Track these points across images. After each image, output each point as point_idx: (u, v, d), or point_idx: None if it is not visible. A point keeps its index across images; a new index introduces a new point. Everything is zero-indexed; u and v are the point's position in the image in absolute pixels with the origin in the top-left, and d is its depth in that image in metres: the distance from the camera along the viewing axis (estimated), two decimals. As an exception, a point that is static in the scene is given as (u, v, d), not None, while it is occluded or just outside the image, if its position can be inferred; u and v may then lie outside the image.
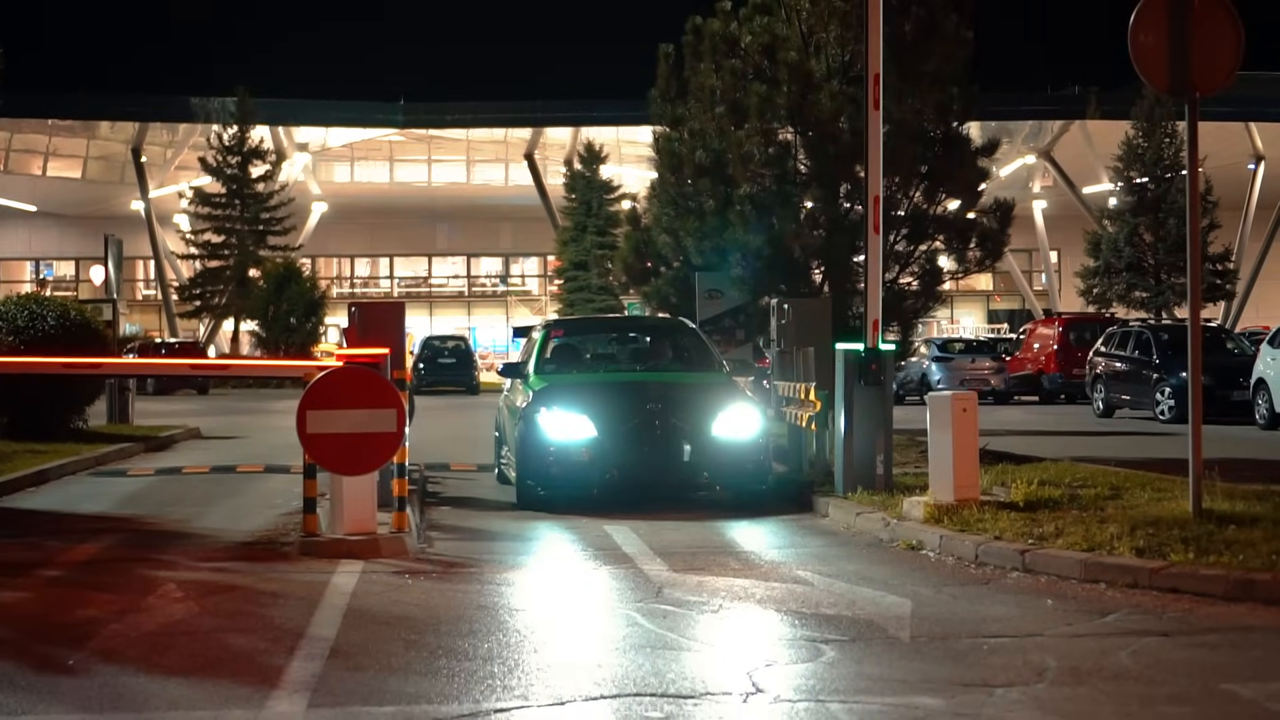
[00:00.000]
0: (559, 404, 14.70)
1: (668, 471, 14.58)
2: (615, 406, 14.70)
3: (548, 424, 14.56)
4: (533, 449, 14.62)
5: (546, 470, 14.54)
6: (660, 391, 15.14)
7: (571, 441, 14.48)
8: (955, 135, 19.15)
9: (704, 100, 19.79)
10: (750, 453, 14.69)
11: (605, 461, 14.45)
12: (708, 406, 14.76)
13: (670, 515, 13.73)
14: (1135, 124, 56.81)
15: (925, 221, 19.38)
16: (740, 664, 7.58)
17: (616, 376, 16.17)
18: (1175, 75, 11.18)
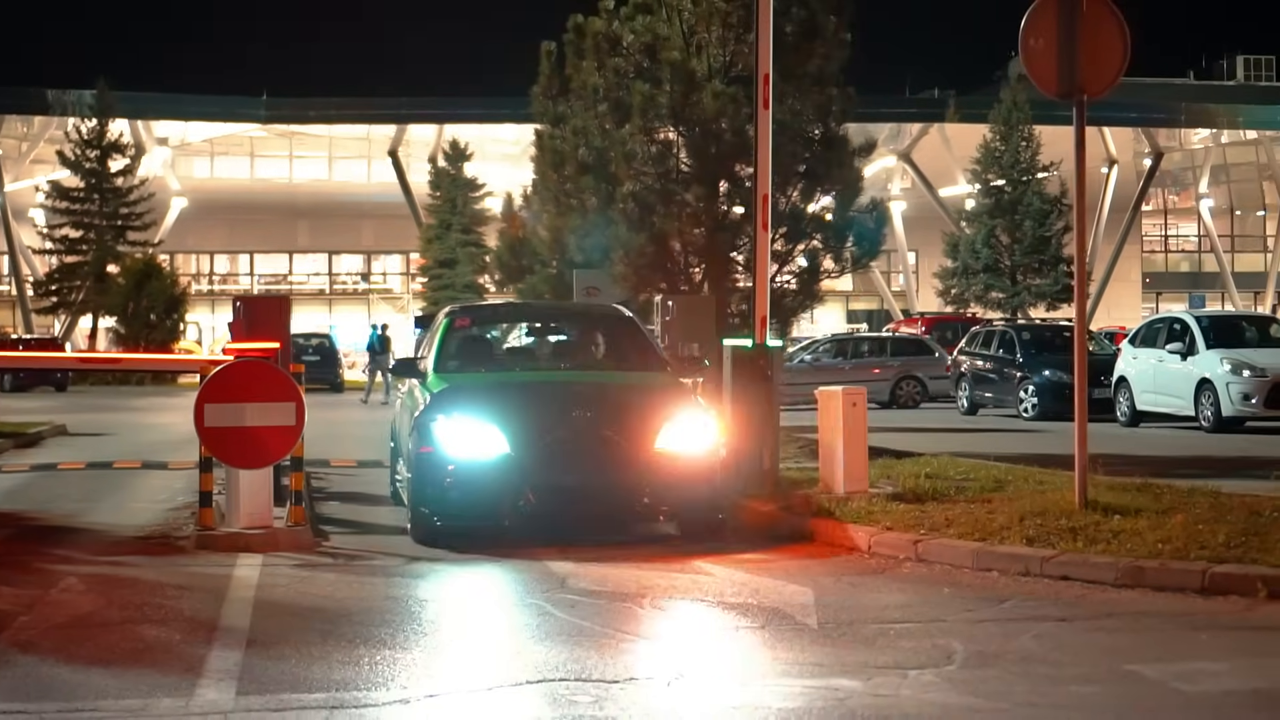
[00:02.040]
0: (462, 410, 11.79)
1: (599, 497, 11.70)
2: (533, 414, 11.85)
3: (447, 436, 11.63)
4: (428, 467, 11.68)
5: (444, 495, 11.57)
6: (590, 395, 12.50)
7: (477, 459, 11.53)
8: (834, 136, 19.43)
9: (587, 98, 19.88)
10: (703, 472, 11.85)
11: (519, 484, 11.46)
12: (650, 414, 11.97)
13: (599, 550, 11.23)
14: (993, 128, 57.80)
15: (804, 220, 19.63)
16: (659, 650, 7.72)
17: (535, 376, 13.37)
18: (1064, 78, 11.48)
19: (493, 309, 19.00)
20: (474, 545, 11.25)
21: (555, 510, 11.67)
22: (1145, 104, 70.08)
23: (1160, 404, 26.73)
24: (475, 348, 14.20)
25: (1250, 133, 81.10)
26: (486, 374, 13.28)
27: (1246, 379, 24.66)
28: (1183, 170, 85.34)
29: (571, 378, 13.40)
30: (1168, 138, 79.67)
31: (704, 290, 19.50)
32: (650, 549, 11.50)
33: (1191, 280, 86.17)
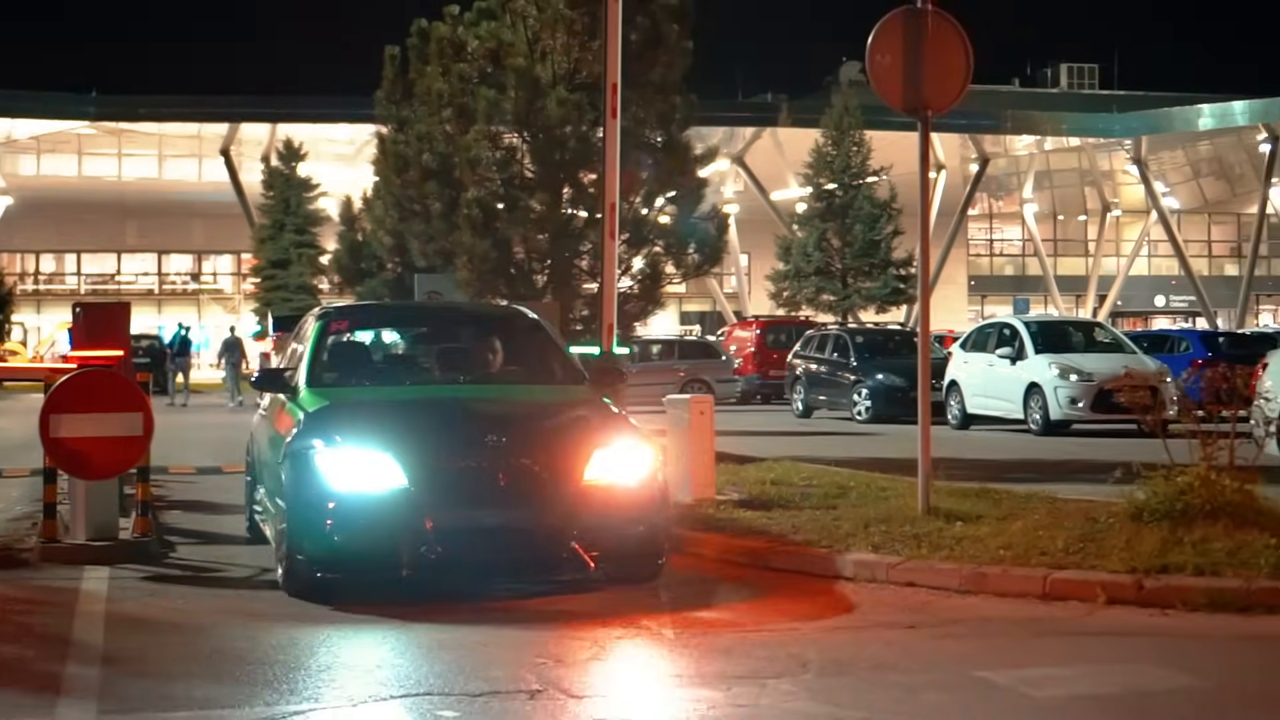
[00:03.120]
0: (347, 435, 9.75)
1: (519, 541, 9.59)
2: (435, 439, 9.85)
3: (330, 467, 9.57)
4: (306, 506, 9.59)
5: (327, 540, 9.44)
6: (503, 416, 10.60)
7: (367, 495, 9.45)
8: (676, 142, 19.61)
9: (431, 103, 19.85)
10: (640, 508, 9.88)
11: (420, 525, 9.35)
12: (576, 438, 10.06)
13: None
14: (825, 132, 58.44)
15: (646, 227, 19.78)
16: (520, 664, 7.74)
17: (433, 392, 11.23)
18: (909, 94, 11.75)
19: (376, 310, 16.16)
20: (362, 600, 9.35)
21: (465, 556, 9.48)
22: (973, 111, 71.31)
23: (990, 407, 27.35)
24: (355, 356, 12.21)
25: (1073, 139, 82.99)
26: (372, 389, 11.27)
27: (1074, 383, 25.31)
28: (1008, 176, 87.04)
29: (477, 394, 11.27)
30: (994, 144, 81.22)
31: (547, 296, 19.56)
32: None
33: (1016, 284, 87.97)
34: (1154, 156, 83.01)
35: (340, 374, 11.45)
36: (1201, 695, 7.16)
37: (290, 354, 12.86)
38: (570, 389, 11.40)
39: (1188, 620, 8.91)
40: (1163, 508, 10.60)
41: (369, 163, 25.30)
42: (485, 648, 8.23)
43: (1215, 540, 10.01)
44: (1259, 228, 79.89)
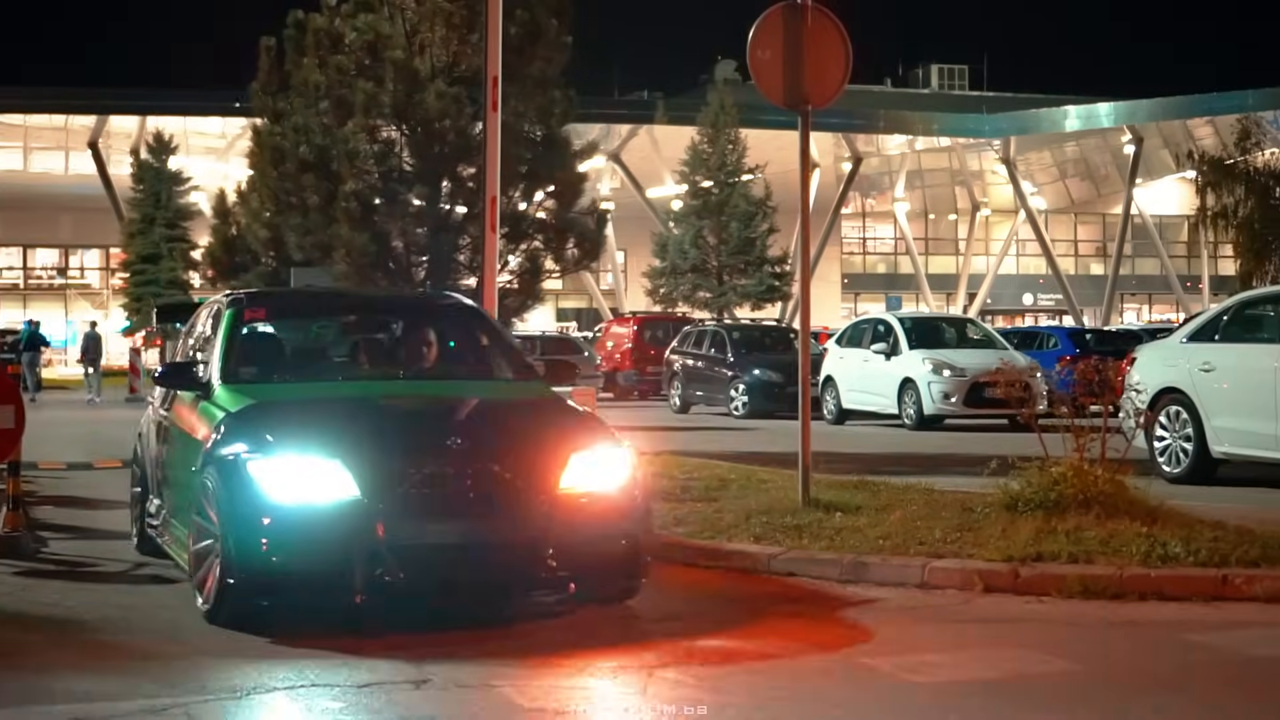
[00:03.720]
0: (284, 439, 8.50)
1: (488, 560, 8.36)
2: (388, 443, 8.62)
3: (268, 476, 8.28)
4: (242, 522, 8.25)
5: (266, 561, 8.14)
6: (461, 416, 9.56)
7: (313, 508, 8.20)
8: (556, 137, 19.64)
9: (308, 95, 19.72)
10: (621, 522, 8.77)
11: (375, 543, 8.13)
12: (548, 442, 8.85)
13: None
14: (700, 130, 58.64)
15: (525, 221, 19.79)
16: (403, 656, 7.67)
17: (373, 389, 9.97)
18: (789, 89, 11.85)
19: (296, 297, 13.86)
20: (302, 631, 8.09)
21: (427, 578, 8.24)
22: (846, 110, 72.05)
23: (865, 402, 27.65)
24: (274, 349, 10.96)
25: (944, 140, 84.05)
26: (300, 385, 9.90)
27: (947, 378, 25.66)
28: (880, 175, 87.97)
29: (425, 390, 10.11)
30: (866, 143, 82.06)
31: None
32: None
33: (888, 281, 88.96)
34: (1022, 157, 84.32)
35: (260, 369, 10.10)
36: (1077, 679, 7.30)
37: (184, 347, 11.74)
38: (526, 385, 10.20)
39: (1063, 607, 9.08)
40: (1037, 498, 10.82)
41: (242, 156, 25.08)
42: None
43: (1088, 529, 10.22)
44: (1123, 228, 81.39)
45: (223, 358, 9.96)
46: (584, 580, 8.48)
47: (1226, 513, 11.35)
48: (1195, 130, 72.15)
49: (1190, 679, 7.33)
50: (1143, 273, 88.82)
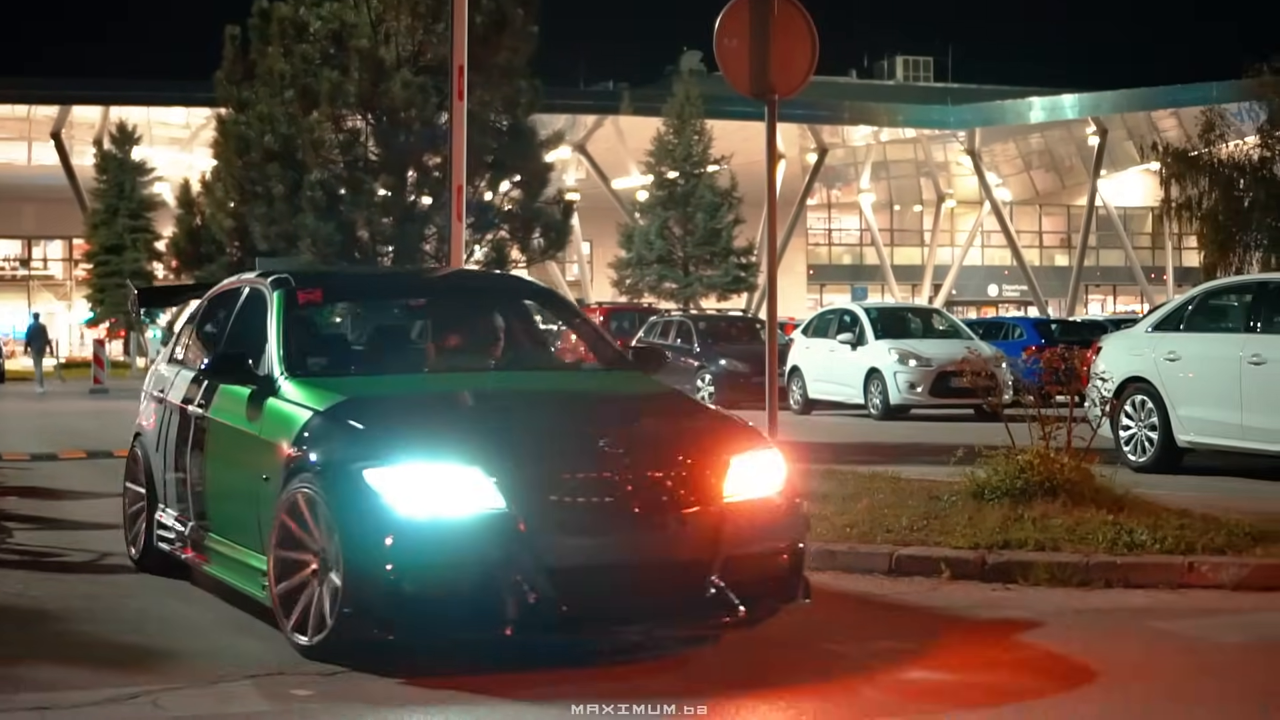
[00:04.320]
0: (411, 442, 7.19)
1: (654, 582, 7.13)
2: (533, 446, 7.32)
3: (396, 487, 6.95)
4: (363, 542, 6.95)
5: (394, 590, 6.85)
6: (602, 414, 8.17)
7: (452, 523, 6.91)
8: (522, 127, 19.64)
9: (273, 84, 19.66)
10: (785, 533, 7.60)
11: (527, 563, 6.88)
12: (706, 445, 7.62)
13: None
14: (666, 121, 58.65)
15: (491, 211, 19.79)
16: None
17: (479, 382, 8.64)
18: (756, 78, 11.86)
19: (354, 277, 12.49)
20: (417, 666, 6.99)
21: (587, 606, 6.91)
22: (812, 101, 72.08)
23: (831, 392, 27.71)
24: (337, 336, 9.81)
25: (909, 131, 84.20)
26: (385, 379, 8.55)
27: (913, 368, 25.72)
28: (846, 166, 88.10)
29: (538, 382, 8.91)
30: (832, 134, 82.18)
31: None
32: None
33: (853, 273, 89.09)
34: (987, 148, 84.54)
35: (329, 359, 8.81)
36: (1046, 665, 7.33)
37: (192, 338, 10.27)
38: (631, 376, 9.03)
39: (1030, 594, 9.11)
40: (1003, 486, 10.88)
41: (206, 146, 24.99)
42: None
43: (1054, 517, 10.28)
44: (1088, 219, 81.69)
45: (283, 346, 8.39)
46: (753, 601, 7.26)
47: (1192, 501, 11.43)
48: (1160, 122, 72.38)
49: (1156, 666, 7.36)
50: (1107, 264, 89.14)
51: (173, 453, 9.42)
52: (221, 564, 8.47)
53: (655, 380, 9.05)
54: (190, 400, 9.25)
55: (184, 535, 9.12)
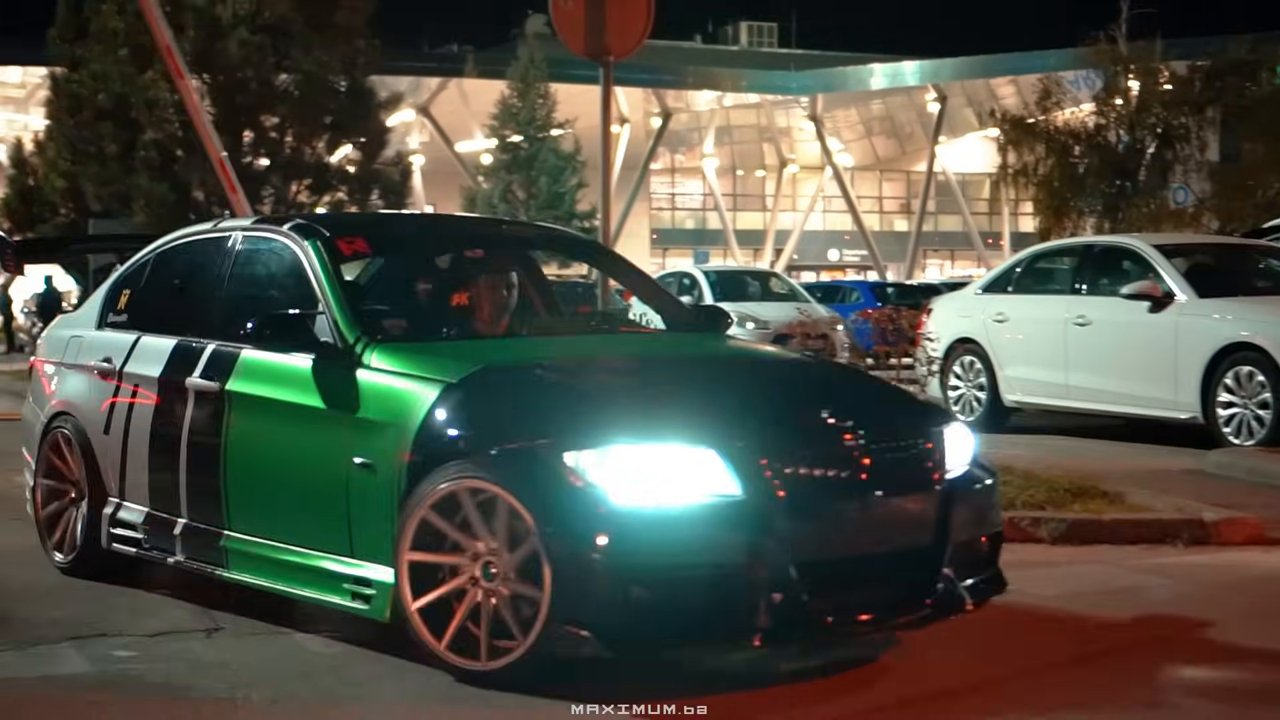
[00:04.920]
0: (621, 420, 5.98)
1: (890, 575, 6.25)
2: (757, 420, 6.17)
3: (614, 474, 5.72)
4: (584, 542, 5.66)
5: (615, 598, 5.64)
6: (796, 382, 7.11)
7: (685, 513, 5.72)
8: (360, 88, 19.53)
9: (107, 42, 19.35)
10: (993, 516, 6.80)
11: (775, 561, 5.79)
12: (909, 419, 6.77)
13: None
14: (510, 84, 58.54)
15: (329, 172, 19.68)
16: (196, 607, 7.53)
17: (609, 345, 7.63)
18: (591, 40, 11.92)
19: (396, 222, 10.96)
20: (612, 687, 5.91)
21: (835, 604, 5.95)
22: (656, 66, 72.28)
23: (672, 355, 27.84)
24: (400, 293, 7.86)
25: (752, 96, 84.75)
26: (497, 343, 7.44)
27: (750, 330, 25.94)
28: (689, 131, 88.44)
29: (677, 346, 7.78)
30: (676, 99, 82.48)
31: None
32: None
33: (696, 237, 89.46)
34: (829, 114, 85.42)
35: (410, 322, 7.37)
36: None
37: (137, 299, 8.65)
38: (731, 337, 8.19)
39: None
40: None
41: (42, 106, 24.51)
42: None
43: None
44: (927, 185, 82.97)
45: (346, 307, 7.01)
46: (973, 588, 6.50)
47: (1015, 459, 11.67)
48: (998, 90, 73.53)
49: (973, 621, 7.40)
50: (946, 229, 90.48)
51: (146, 437, 7.86)
52: (260, 568, 7.07)
53: (755, 342, 8.02)
54: (183, 373, 7.64)
55: (171, 536, 7.63)
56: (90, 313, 8.90)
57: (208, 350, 7.57)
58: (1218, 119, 42.03)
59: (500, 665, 5.88)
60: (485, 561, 5.97)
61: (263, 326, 7.02)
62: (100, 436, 8.21)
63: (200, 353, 7.61)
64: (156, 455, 7.78)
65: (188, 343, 7.76)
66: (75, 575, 8.26)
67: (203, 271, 8.14)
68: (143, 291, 8.64)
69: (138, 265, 8.82)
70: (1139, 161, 41.08)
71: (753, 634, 5.79)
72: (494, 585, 5.93)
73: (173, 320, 8.08)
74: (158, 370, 7.85)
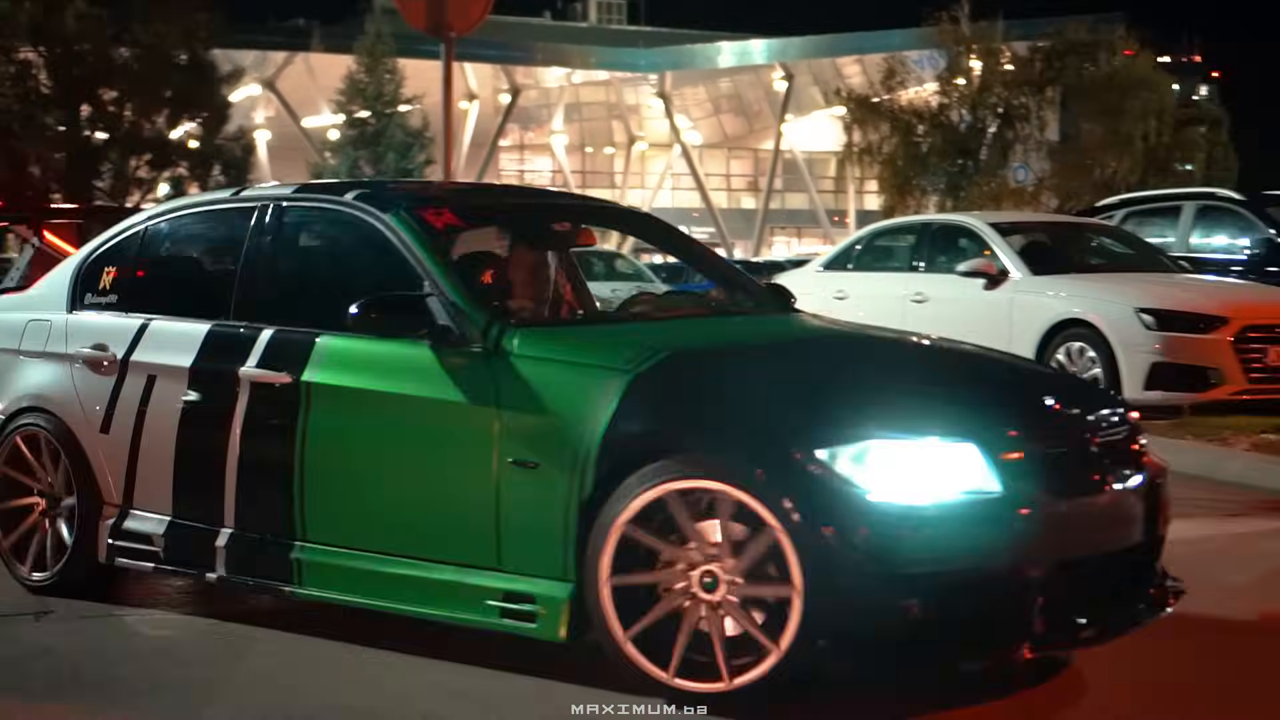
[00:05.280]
0: (874, 413, 5.39)
1: (1124, 571, 5.78)
2: (998, 411, 5.67)
3: (876, 473, 5.17)
4: (851, 548, 5.11)
5: (890, 600, 5.12)
6: (1002, 368, 6.52)
7: (952, 514, 5.21)
8: (202, 61, 19.30)
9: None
10: (1170, 507, 6.11)
11: (1038, 562, 5.33)
12: (1109, 402, 6.26)
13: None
14: (358, 59, 58.00)
15: (170, 147, 19.42)
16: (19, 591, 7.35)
17: (761, 330, 6.81)
18: (432, 15, 11.90)
19: (476, 193, 9.46)
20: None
21: (1085, 607, 5.53)
22: (505, 42, 72.13)
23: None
24: (499, 272, 6.89)
25: (601, 73, 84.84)
26: (629, 326, 6.77)
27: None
28: (539, 108, 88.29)
29: (805, 330, 6.91)
30: (525, 75, 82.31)
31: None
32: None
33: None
34: (678, 92, 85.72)
35: (514, 302, 6.63)
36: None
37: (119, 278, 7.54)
38: (813, 316, 7.40)
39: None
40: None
41: None
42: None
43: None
44: (774, 163, 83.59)
45: (462, 287, 6.23)
46: (1173, 586, 5.99)
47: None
48: (844, 69, 74.23)
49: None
50: (793, 207, 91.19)
51: (169, 436, 6.89)
52: (351, 583, 6.21)
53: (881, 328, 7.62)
54: (227, 362, 6.69)
55: (210, 549, 6.64)
56: (52, 293, 7.75)
57: (264, 336, 6.61)
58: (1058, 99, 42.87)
59: (746, 682, 5.26)
60: (704, 571, 5.35)
61: (369, 309, 6.10)
62: (94, 436, 7.16)
63: (252, 339, 6.63)
64: (187, 456, 6.80)
65: (229, 327, 6.80)
66: (50, 594, 7.21)
67: (231, 247, 7.14)
68: (137, 269, 7.60)
69: (122, 240, 7.67)
70: (981, 141, 41.81)
71: (1023, 641, 5.34)
72: (718, 596, 5.32)
73: (194, 302, 7.11)
74: (186, 359, 6.84)
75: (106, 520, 7.11)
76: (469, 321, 6.03)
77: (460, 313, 6.06)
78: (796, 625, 5.15)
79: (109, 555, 7.08)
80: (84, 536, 7.17)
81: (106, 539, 7.09)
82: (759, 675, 5.21)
